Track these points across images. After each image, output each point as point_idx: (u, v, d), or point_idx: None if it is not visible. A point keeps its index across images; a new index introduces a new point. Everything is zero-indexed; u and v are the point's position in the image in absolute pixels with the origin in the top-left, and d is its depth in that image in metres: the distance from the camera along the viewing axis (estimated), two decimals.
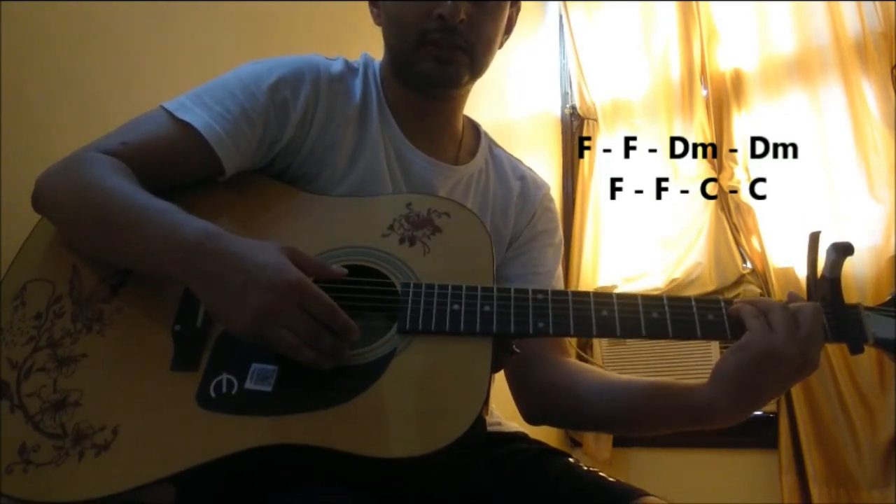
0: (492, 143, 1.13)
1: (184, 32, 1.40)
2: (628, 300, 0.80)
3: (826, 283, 0.81)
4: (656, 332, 0.79)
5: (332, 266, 0.80)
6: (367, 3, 1.03)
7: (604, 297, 0.81)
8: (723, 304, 0.80)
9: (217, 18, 1.47)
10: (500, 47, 1.01)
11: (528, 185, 1.10)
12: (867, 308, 0.81)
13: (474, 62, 0.95)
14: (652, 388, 0.89)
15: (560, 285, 1.10)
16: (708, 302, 0.81)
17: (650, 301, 0.80)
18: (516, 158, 1.15)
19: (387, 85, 1.01)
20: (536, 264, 1.06)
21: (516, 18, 1.05)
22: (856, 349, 0.79)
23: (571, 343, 2.26)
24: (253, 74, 0.92)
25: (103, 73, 1.23)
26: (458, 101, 1.04)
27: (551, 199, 1.14)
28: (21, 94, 1.08)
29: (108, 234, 0.79)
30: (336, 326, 0.73)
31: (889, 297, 0.82)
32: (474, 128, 1.13)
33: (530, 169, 1.15)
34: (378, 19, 1.02)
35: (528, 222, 1.09)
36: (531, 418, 1.01)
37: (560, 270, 1.11)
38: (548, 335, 0.79)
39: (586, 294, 0.81)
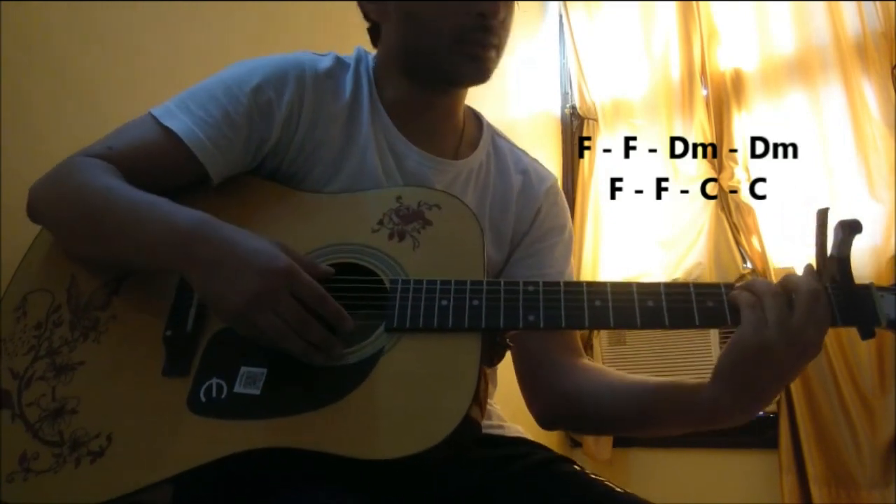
0: (495, 134, 1.09)
1: (185, 33, 1.40)
2: (623, 289, 0.77)
3: (835, 263, 0.76)
4: (652, 321, 0.75)
5: (320, 265, 0.80)
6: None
7: (597, 287, 0.78)
8: (723, 289, 0.76)
9: (218, 19, 1.47)
10: None
11: (530, 178, 1.07)
12: (880, 288, 0.75)
13: (499, 59, 0.96)
14: (657, 389, 0.87)
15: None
16: (707, 287, 0.77)
17: (646, 289, 0.77)
18: (521, 149, 1.11)
19: (383, 80, 0.99)
20: (544, 265, 1.03)
21: None
22: (867, 333, 0.73)
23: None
24: (236, 77, 0.91)
25: (103, 73, 1.23)
26: (463, 94, 1.03)
27: (558, 192, 1.09)
28: (21, 94, 1.08)
29: (103, 232, 0.80)
30: (326, 313, 0.74)
31: None
32: (477, 119, 1.10)
33: (535, 160, 1.11)
34: (383, 16, 0.98)
35: (532, 219, 1.05)
36: (544, 424, 0.99)
37: (570, 267, 1.07)
38: (538, 328, 0.77)
39: (579, 284, 0.78)
